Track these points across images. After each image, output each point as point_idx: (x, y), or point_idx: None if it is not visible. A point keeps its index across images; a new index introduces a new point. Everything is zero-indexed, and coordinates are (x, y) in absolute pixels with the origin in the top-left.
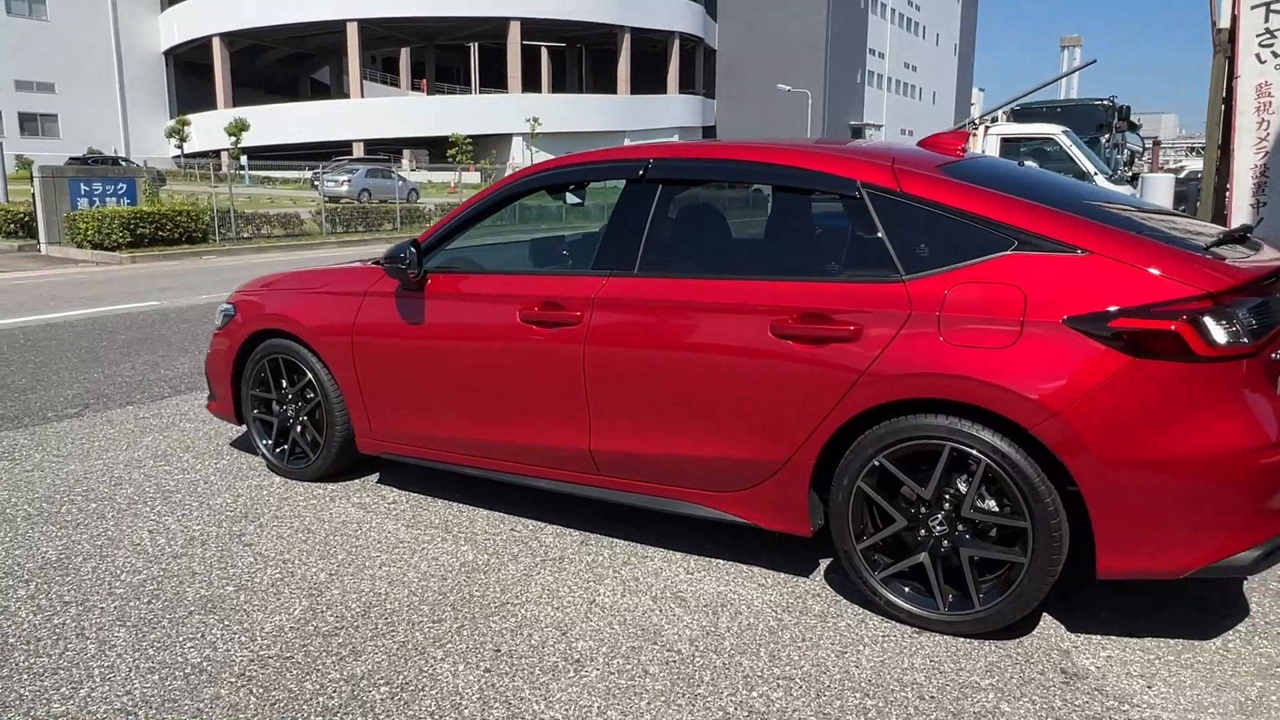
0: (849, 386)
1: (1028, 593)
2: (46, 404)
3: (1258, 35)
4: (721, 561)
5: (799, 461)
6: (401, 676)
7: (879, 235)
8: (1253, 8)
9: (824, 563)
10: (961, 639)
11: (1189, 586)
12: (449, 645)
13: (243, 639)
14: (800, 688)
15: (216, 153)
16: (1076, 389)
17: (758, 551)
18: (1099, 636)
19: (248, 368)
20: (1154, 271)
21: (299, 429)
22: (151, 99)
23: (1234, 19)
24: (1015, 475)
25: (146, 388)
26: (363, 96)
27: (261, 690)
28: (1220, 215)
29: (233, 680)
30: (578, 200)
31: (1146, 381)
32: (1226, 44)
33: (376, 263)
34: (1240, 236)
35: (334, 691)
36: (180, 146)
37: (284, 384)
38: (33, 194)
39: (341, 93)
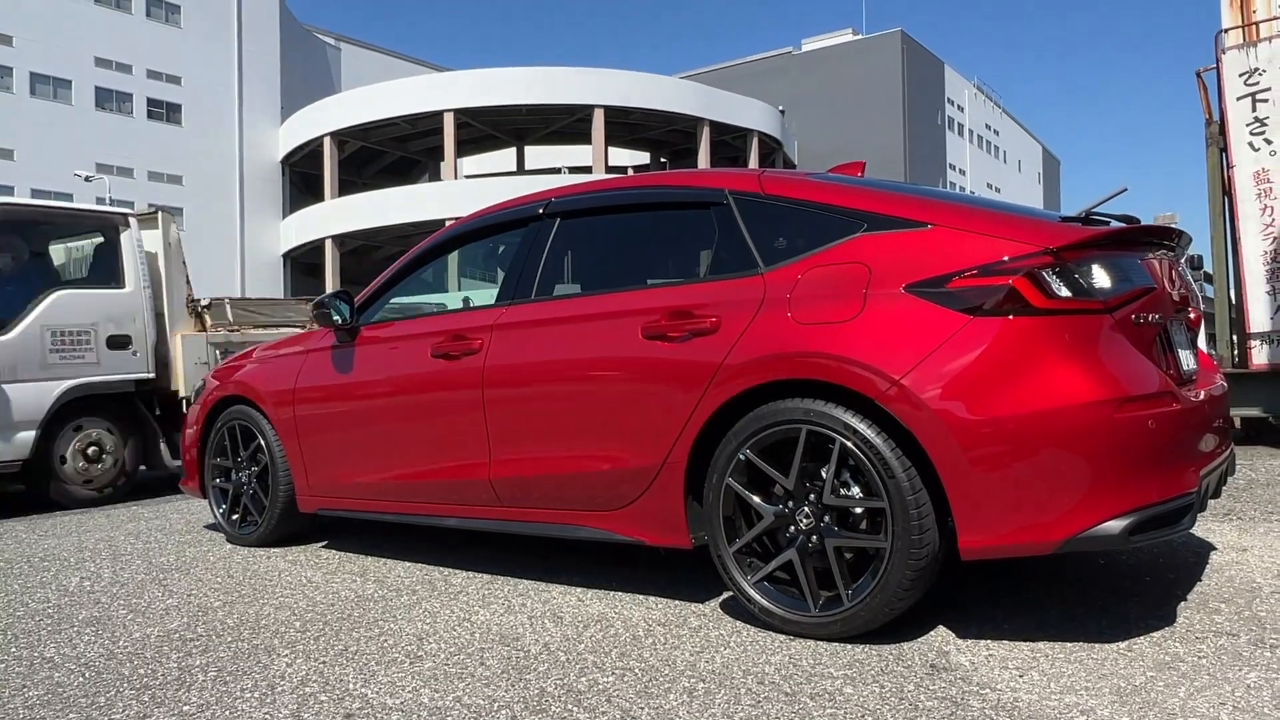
0: (710, 378)
1: (895, 582)
2: (56, 505)
3: (1247, 124)
4: (623, 594)
5: (673, 463)
6: (236, 666)
7: (742, 234)
8: (1238, 99)
9: (729, 594)
10: (836, 644)
11: (1113, 603)
12: (299, 647)
13: (106, 642)
14: (634, 675)
15: None
16: (917, 354)
17: (668, 585)
18: (990, 642)
19: (211, 437)
20: (994, 235)
21: (250, 493)
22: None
23: (1223, 112)
24: (869, 452)
25: (157, 491)
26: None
27: (94, 674)
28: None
29: (72, 668)
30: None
31: (989, 340)
32: (1218, 136)
33: None
34: (1123, 218)
35: (162, 674)
36: None
37: (241, 451)
38: None
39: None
